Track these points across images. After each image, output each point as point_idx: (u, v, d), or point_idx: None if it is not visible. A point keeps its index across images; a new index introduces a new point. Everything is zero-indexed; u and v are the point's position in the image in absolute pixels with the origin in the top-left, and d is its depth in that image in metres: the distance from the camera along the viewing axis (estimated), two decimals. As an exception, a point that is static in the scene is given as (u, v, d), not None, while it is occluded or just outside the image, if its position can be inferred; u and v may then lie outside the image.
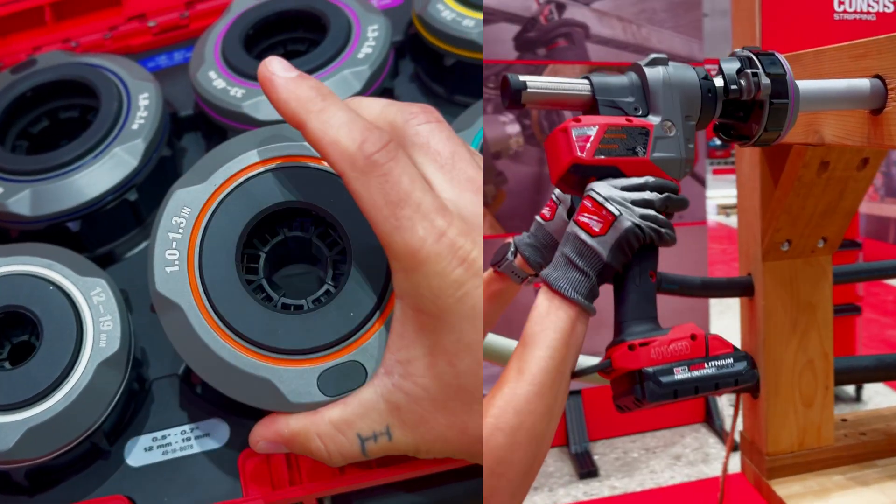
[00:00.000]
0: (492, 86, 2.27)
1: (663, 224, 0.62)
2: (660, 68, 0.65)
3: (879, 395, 2.82)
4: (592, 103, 0.65)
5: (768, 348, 1.04)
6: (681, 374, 0.60)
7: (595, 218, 0.60)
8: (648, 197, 0.62)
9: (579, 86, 0.65)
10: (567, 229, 0.62)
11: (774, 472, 1.07)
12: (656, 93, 0.65)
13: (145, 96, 0.84)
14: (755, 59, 0.67)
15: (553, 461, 2.41)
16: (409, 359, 0.59)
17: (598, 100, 0.65)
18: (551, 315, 0.60)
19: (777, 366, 1.05)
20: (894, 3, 1.03)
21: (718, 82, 0.67)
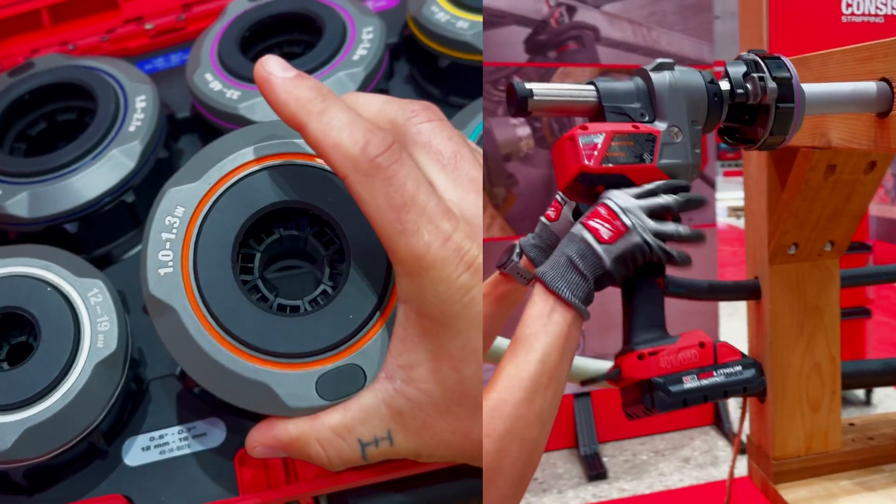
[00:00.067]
0: (502, 88, 2.27)
1: (682, 236, 0.61)
2: (666, 73, 0.65)
3: (889, 398, 2.80)
4: (599, 109, 0.65)
5: (775, 352, 1.04)
6: (690, 382, 0.60)
7: (607, 225, 0.60)
8: (664, 202, 0.61)
9: (585, 92, 0.65)
10: (572, 230, 0.62)
11: (781, 477, 1.06)
12: (662, 98, 0.64)
13: (142, 98, 0.84)
14: (761, 62, 0.67)
15: (562, 463, 2.40)
16: (411, 364, 0.58)
17: (604, 106, 0.64)
18: (546, 318, 0.59)
19: (784, 369, 1.04)
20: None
21: (724, 86, 0.67)
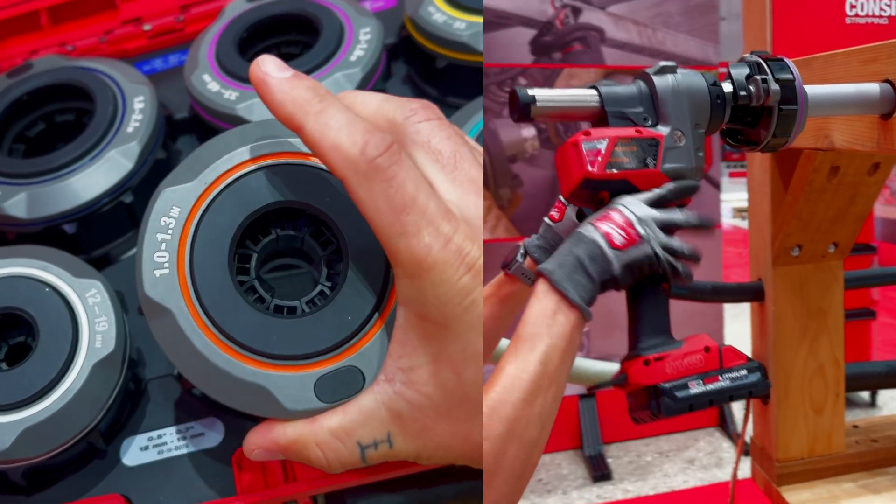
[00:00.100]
0: (507, 89, 2.27)
1: (686, 255, 0.62)
2: (668, 76, 0.65)
3: (895, 400, 2.78)
4: (601, 114, 0.64)
5: (778, 354, 1.04)
6: (695, 388, 0.60)
7: (621, 232, 0.60)
8: (678, 220, 0.61)
9: (588, 97, 0.64)
10: (580, 230, 0.61)
11: (784, 479, 1.06)
12: (665, 102, 0.64)
13: (140, 99, 0.85)
14: (764, 64, 0.66)
15: (567, 464, 2.39)
16: (411, 366, 0.58)
17: (607, 111, 0.64)
18: (550, 318, 0.59)
19: (787, 372, 1.04)
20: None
21: (727, 88, 0.66)
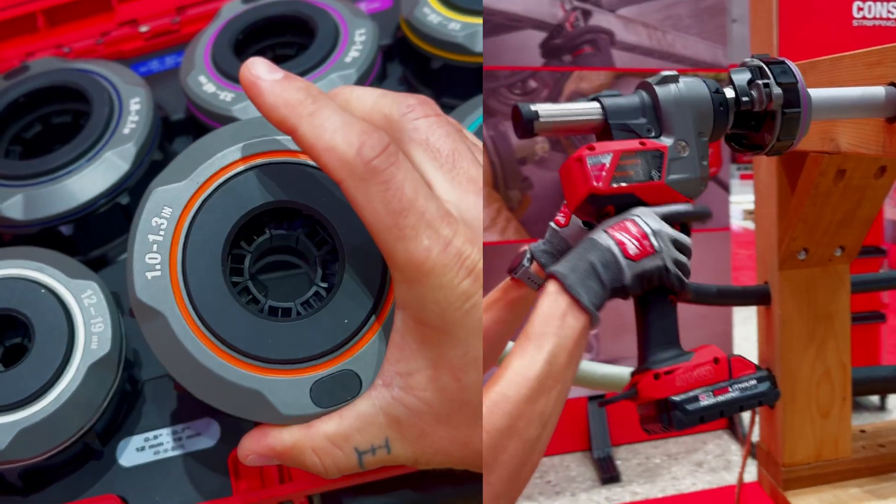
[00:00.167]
0: (518, 91, 2.28)
1: (687, 274, 0.62)
2: (671, 86, 0.64)
3: (904, 403, 2.78)
4: (605, 126, 0.64)
5: (785, 358, 1.03)
6: (706, 400, 0.60)
7: (635, 243, 0.60)
8: (687, 241, 0.62)
9: (590, 110, 0.64)
10: (594, 236, 0.61)
11: (791, 484, 1.06)
12: (668, 112, 0.64)
13: (136, 101, 0.85)
14: (766, 68, 0.66)
15: (576, 466, 2.39)
16: (409, 371, 0.57)
17: (610, 123, 0.64)
18: (559, 319, 0.59)
19: (794, 376, 1.04)
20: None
21: (730, 94, 0.66)
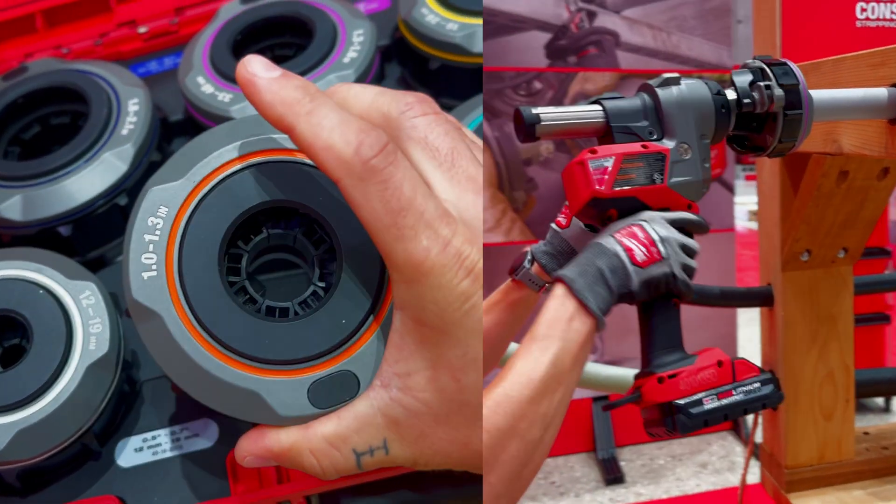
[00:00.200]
0: (522, 93, 2.28)
1: (693, 276, 0.62)
2: (672, 88, 0.64)
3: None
4: (607, 129, 0.64)
5: (788, 360, 1.03)
6: (710, 403, 0.60)
7: (643, 249, 0.60)
8: (695, 246, 0.62)
9: (592, 113, 0.64)
10: (602, 241, 0.61)
11: (793, 486, 1.05)
12: (670, 115, 0.64)
13: (135, 102, 0.85)
14: (768, 69, 0.66)
15: (580, 466, 2.38)
16: (408, 372, 0.56)
17: (612, 126, 0.64)
18: (566, 323, 0.59)
19: (796, 378, 1.03)
20: (918, 10, 1.02)
21: (731, 95, 0.66)
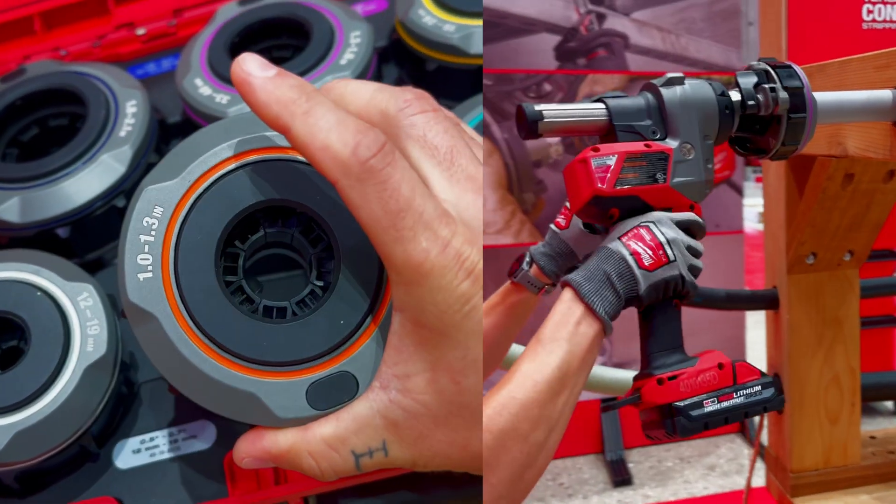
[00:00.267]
0: (532, 95, 2.28)
1: (697, 278, 0.62)
2: (676, 88, 0.64)
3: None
4: (610, 128, 0.64)
5: (793, 363, 1.03)
6: (710, 406, 0.60)
7: (650, 252, 0.60)
8: (698, 247, 0.62)
9: (595, 111, 0.64)
10: (609, 245, 0.61)
11: (799, 490, 1.05)
12: (673, 114, 0.64)
13: (133, 103, 0.85)
14: (772, 72, 0.66)
15: (588, 468, 2.37)
16: (407, 374, 0.56)
17: (615, 125, 0.63)
18: (573, 326, 0.59)
19: (802, 381, 1.03)
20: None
21: (735, 97, 0.66)
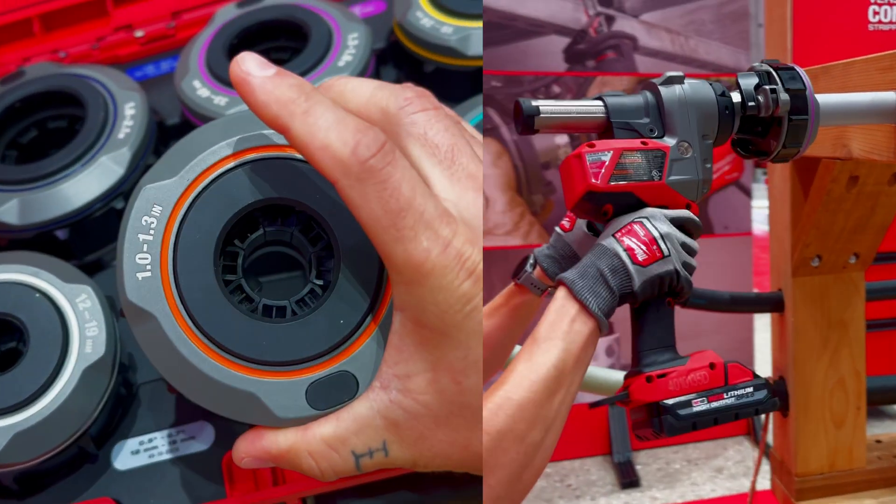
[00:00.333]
0: (541, 97, 2.28)
1: (691, 276, 0.62)
2: (676, 87, 0.64)
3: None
4: (607, 125, 0.64)
5: (798, 366, 1.02)
6: (699, 405, 0.59)
7: (643, 248, 0.60)
8: (692, 244, 0.62)
9: (593, 108, 0.64)
10: (603, 242, 0.61)
11: (803, 494, 1.04)
12: (672, 113, 0.63)
13: (131, 105, 0.85)
14: (774, 73, 0.65)
15: (596, 470, 2.37)
16: (408, 374, 0.56)
17: (612, 122, 0.63)
18: (568, 325, 0.59)
19: (807, 384, 1.02)
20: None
21: (736, 98, 0.65)
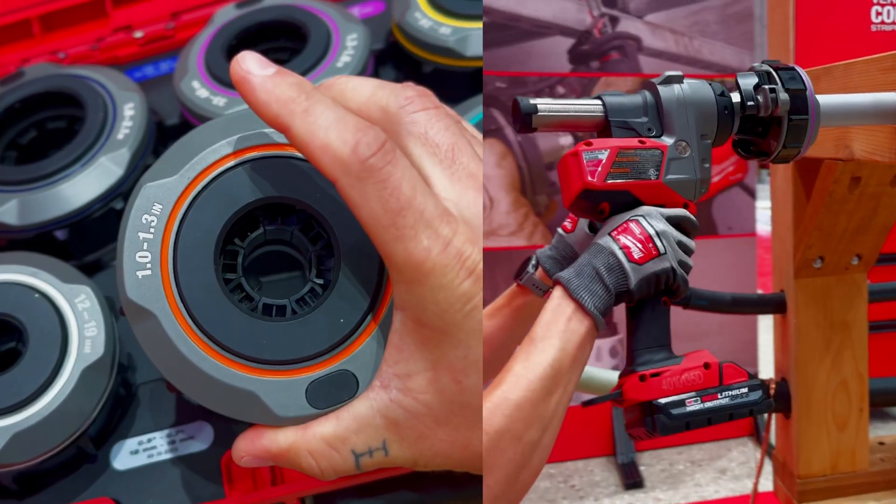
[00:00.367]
0: (544, 97, 2.29)
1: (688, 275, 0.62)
2: (675, 86, 0.64)
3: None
4: (605, 124, 0.64)
5: (800, 367, 1.02)
6: (693, 405, 0.59)
7: (639, 245, 0.59)
8: (689, 243, 0.62)
9: (591, 107, 0.64)
10: (599, 241, 0.61)
11: (806, 496, 1.04)
12: (670, 112, 0.63)
13: (131, 106, 0.85)
14: (774, 73, 0.65)
15: (599, 470, 2.36)
16: (408, 373, 0.56)
17: (610, 121, 0.63)
18: (564, 324, 0.59)
19: (809, 386, 1.02)
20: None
21: (735, 98, 0.65)
